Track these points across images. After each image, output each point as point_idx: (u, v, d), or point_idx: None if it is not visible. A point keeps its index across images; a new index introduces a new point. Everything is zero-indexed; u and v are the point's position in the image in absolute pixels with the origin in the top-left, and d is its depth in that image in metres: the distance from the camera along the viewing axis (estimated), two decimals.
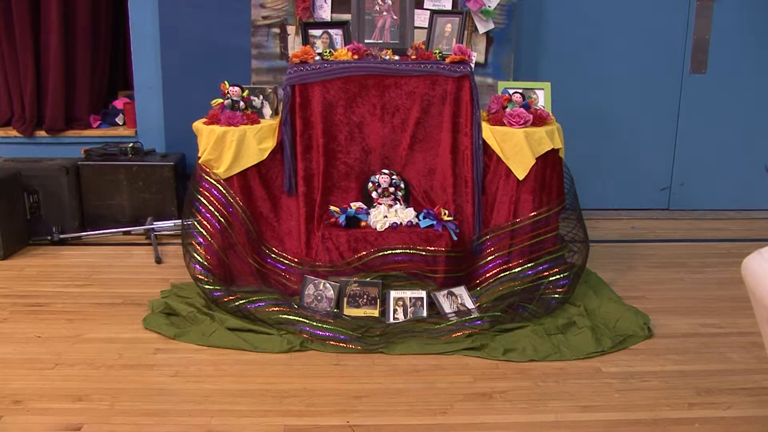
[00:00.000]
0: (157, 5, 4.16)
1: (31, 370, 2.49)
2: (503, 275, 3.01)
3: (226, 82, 3.15)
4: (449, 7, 3.89)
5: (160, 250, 3.74)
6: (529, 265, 3.01)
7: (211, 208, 3.02)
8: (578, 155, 4.02)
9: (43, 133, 4.41)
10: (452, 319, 2.81)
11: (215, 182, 3.04)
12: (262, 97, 3.27)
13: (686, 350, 2.69)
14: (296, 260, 3.10)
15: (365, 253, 2.98)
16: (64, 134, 4.43)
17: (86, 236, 4.00)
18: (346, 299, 2.89)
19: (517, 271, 3.01)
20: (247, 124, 3.09)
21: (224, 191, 3.04)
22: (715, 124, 4.56)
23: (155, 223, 3.97)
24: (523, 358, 2.60)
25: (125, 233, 4.04)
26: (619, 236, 4.19)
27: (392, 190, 3.14)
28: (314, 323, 2.75)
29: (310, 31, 3.46)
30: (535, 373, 2.51)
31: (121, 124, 4.56)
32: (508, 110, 3.10)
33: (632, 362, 2.59)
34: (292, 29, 4.00)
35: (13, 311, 3.00)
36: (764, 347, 1.71)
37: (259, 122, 3.15)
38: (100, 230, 4.03)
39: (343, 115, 3.13)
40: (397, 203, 3.13)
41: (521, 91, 3.18)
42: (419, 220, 3.06)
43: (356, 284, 2.90)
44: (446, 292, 2.91)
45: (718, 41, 4.43)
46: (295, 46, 3.96)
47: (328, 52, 3.15)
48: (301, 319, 2.78)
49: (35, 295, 3.19)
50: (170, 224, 3.98)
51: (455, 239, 3.01)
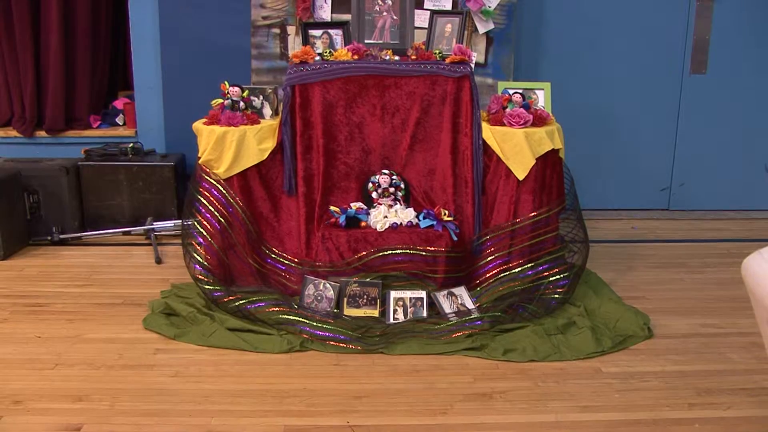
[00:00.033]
0: (157, 5, 4.16)
1: (31, 370, 2.49)
2: (503, 275, 3.01)
3: (226, 82, 3.15)
4: (449, 7, 3.89)
5: (160, 250, 3.74)
6: (529, 265, 3.01)
7: (211, 208, 3.02)
8: (578, 155, 4.02)
9: (43, 133, 4.41)
10: (452, 319, 2.81)
11: (215, 182, 3.04)
12: (262, 97, 3.27)
13: (686, 350, 2.69)
14: (296, 260, 3.10)
15: (365, 253, 2.98)
16: (64, 134, 4.43)
17: (86, 236, 4.00)
18: (346, 299, 2.89)
19: (517, 271, 3.01)
20: (247, 124, 3.09)
21: (224, 191, 3.04)
22: (715, 124, 4.56)
23: (155, 223, 3.96)
24: (523, 358, 2.60)
25: (125, 233, 4.04)
26: (619, 236, 4.18)
27: (392, 190, 3.14)
28: (314, 323, 2.75)
29: (310, 31, 3.46)
30: (535, 373, 2.51)
31: (121, 124, 4.56)
32: (508, 110, 3.10)
33: (632, 362, 2.59)
34: (292, 29, 4.00)
35: (13, 311, 3.00)
36: (764, 347, 1.71)
37: (259, 122, 3.15)
38: (100, 230, 4.02)
39: (343, 115, 3.13)
40: (397, 203, 3.13)
41: (521, 91, 3.18)
42: (419, 220, 3.06)
43: (356, 284, 2.90)
44: (446, 292, 2.91)
45: (718, 41, 4.43)
46: (295, 46, 3.96)
47: (328, 52, 3.15)
48: (301, 319, 2.78)
49: (35, 295, 3.19)
50: (170, 224, 3.98)
51: (455, 239, 3.01)
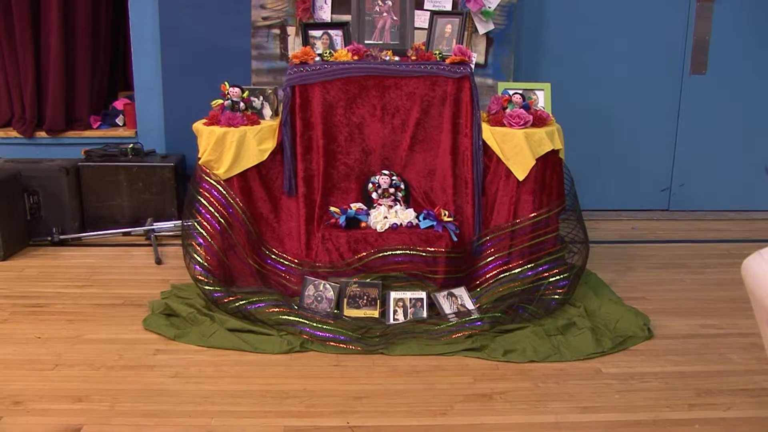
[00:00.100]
0: (157, 5, 4.15)
1: (31, 370, 2.49)
2: (503, 276, 3.01)
3: (226, 83, 3.15)
4: (449, 7, 3.89)
5: (160, 250, 3.74)
6: (529, 266, 3.01)
7: (211, 209, 3.02)
8: (578, 156, 4.02)
9: (43, 133, 4.40)
10: (452, 320, 2.81)
11: (215, 183, 3.04)
12: (262, 98, 3.27)
13: (686, 351, 2.69)
14: (296, 261, 3.10)
15: (365, 254, 2.98)
16: (64, 135, 4.43)
17: (86, 237, 4.00)
18: (346, 300, 2.89)
19: (517, 272, 3.01)
20: (247, 125, 3.09)
21: (224, 192, 3.04)
22: (715, 124, 4.56)
23: (155, 223, 3.97)
24: (523, 359, 2.60)
25: (125, 234, 4.04)
26: (619, 237, 4.18)
27: (392, 191, 3.14)
28: (314, 324, 2.75)
29: (310, 31, 3.46)
30: (535, 374, 2.51)
31: (121, 124, 4.56)
32: (508, 111, 3.10)
33: (632, 363, 2.59)
34: (292, 30, 4.00)
35: (13, 312, 3.00)
36: (764, 348, 1.71)
37: (259, 123, 3.15)
38: (100, 231, 4.02)
39: (343, 116, 3.13)
40: (397, 204, 3.13)
41: (521, 91, 3.18)
42: (419, 220, 3.06)
43: (356, 285, 2.90)
44: (446, 292, 2.91)
45: (718, 42, 4.43)
46: (295, 47, 3.96)
47: (328, 53, 3.15)
48: (301, 320, 2.78)
49: (35, 295, 3.19)
50: (170, 225, 3.98)
51: (455, 240, 3.01)
